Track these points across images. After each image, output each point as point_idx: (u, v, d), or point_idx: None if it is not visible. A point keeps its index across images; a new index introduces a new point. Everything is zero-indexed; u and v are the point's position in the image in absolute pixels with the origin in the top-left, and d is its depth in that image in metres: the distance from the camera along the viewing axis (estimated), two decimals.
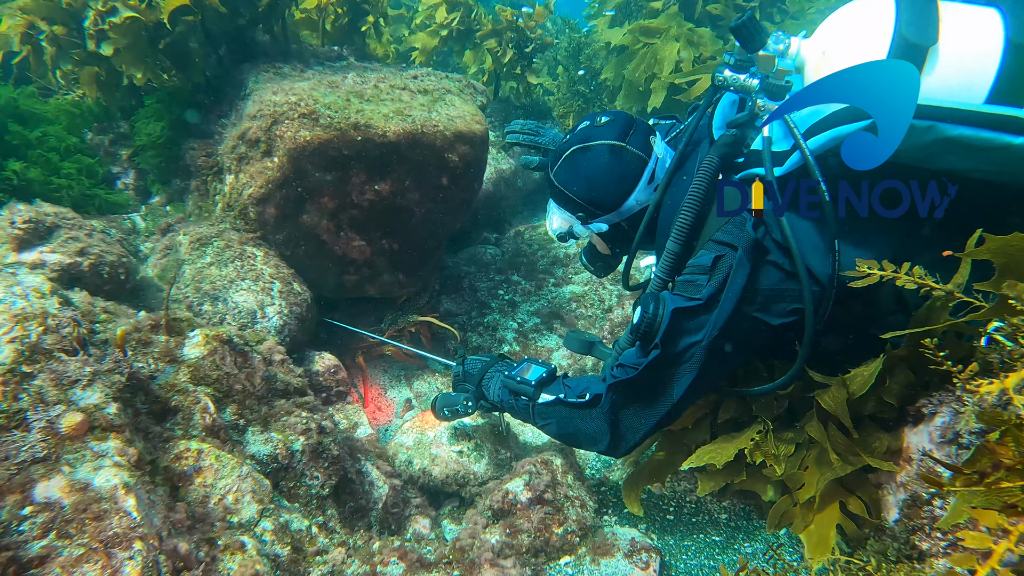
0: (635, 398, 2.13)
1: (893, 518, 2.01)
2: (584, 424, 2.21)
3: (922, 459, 1.98)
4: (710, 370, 2.05)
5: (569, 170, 2.35)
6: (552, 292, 4.19)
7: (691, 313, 2.01)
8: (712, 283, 2.02)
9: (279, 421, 2.27)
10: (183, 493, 1.80)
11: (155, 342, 2.14)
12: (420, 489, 2.75)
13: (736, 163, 2.18)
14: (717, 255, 2.04)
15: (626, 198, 2.32)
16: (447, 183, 3.29)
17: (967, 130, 1.76)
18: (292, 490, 2.19)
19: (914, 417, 2.08)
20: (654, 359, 2.03)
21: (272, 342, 2.53)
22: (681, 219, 2.11)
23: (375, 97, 3.30)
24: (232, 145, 3.21)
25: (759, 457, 2.40)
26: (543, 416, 2.31)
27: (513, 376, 2.43)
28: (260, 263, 3.07)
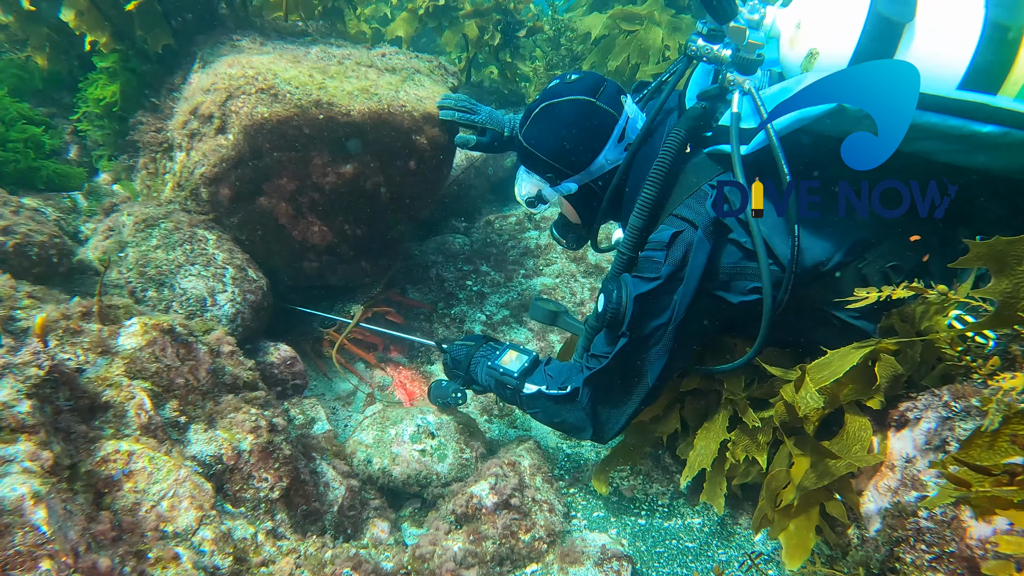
0: (611, 387, 2.16)
1: (875, 528, 1.92)
2: (567, 415, 2.25)
3: (905, 466, 1.89)
4: (680, 350, 2.09)
5: (538, 128, 2.28)
6: (522, 284, 4.05)
7: (654, 296, 2.02)
8: (669, 260, 2.00)
9: (226, 418, 2.10)
10: (109, 501, 1.62)
11: (86, 331, 1.95)
12: (379, 490, 2.60)
13: (704, 137, 2.13)
14: (675, 231, 2.01)
15: (596, 155, 2.24)
16: (415, 167, 3.11)
17: (935, 117, 1.72)
18: (238, 493, 2.02)
19: (897, 422, 1.99)
20: (623, 347, 2.06)
21: (221, 332, 2.34)
22: (645, 193, 2.08)
23: (340, 74, 3.10)
24: (183, 120, 3.00)
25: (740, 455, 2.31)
26: (529, 405, 2.37)
27: (496, 367, 2.45)
28: (212, 247, 2.87)
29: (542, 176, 2.33)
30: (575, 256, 4.22)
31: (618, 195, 2.29)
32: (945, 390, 1.82)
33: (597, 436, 2.24)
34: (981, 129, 1.70)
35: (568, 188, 2.33)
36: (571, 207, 2.46)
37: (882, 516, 1.90)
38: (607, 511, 2.57)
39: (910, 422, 1.92)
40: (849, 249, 1.98)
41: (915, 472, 1.83)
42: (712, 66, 2.19)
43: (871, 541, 1.93)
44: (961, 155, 1.81)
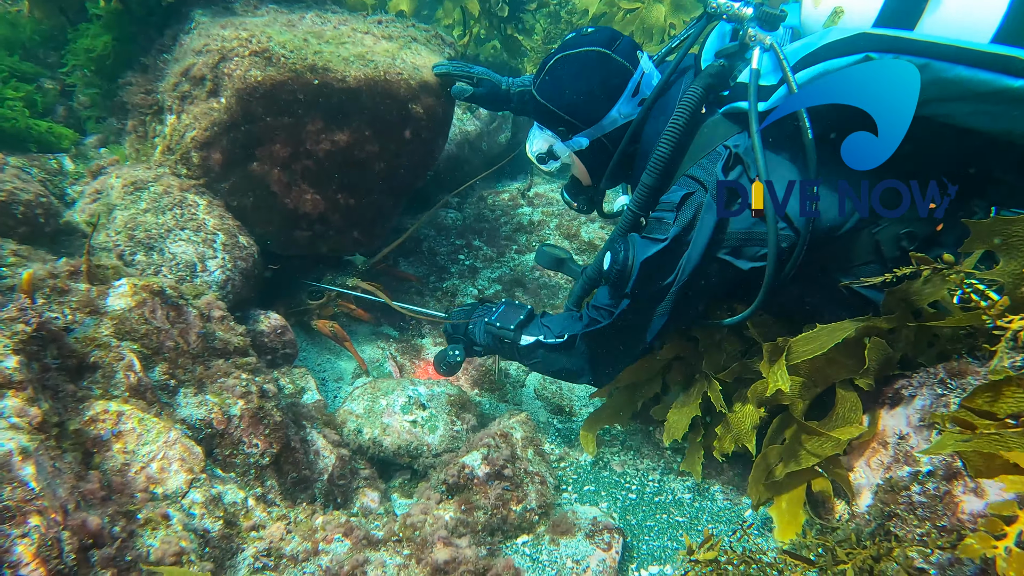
0: (609, 341, 2.21)
1: (866, 503, 1.93)
2: (566, 362, 2.33)
3: (898, 442, 1.90)
4: (681, 312, 2.09)
5: (552, 80, 2.25)
6: (515, 259, 4.03)
7: (660, 258, 2.00)
8: (678, 222, 1.98)
9: (216, 383, 2.07)
10: (98, 460, 1.59)
11: (74, 290, 1.90)
12: (369, 460, 2.58)
13: (721, 96, 2.10)
14: (686, 192, 1.99)
15: (609, 109, 2.21)
16: (410, 136, 3.07)
17: (964, 70, 1.65)
18: (228, 458, 2.00)
19: (891, 399, 2.00)
20: (626, 308, 2.09)
21: (211, 297, 2.30)
22: (658, 151, 2.06)
23: (335, 39, 3.04)
24: (174, 82, 2.92)
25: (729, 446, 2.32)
26: (527, 356, 2.43)
27: (493, 322, 2.50)
28: (203, 212, 2.81)
29: (554, 131, 2.30)
30: (568, 233, 4.20)
31: (630, 153, 2.26)
32: (941, 367, 1.83)
33: (595, 380, 2.37)
34: (1013, 83, 1.61)
35: (579, 143, 2.28)
36: (582, 165, 2.42)
37: (873, 491, 1.91)
38: (597, 485, 2.57)
39: (904, 399, 1.93)
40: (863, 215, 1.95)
41: (908, 448, 1.84)
42: (731, 25, 2.14)
43: (861, 516, 1.94)
44: (984, 118, 1.72)
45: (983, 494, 1.54)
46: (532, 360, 2.42)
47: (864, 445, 2.04)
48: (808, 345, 2.17)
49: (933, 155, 1.82)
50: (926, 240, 1.93)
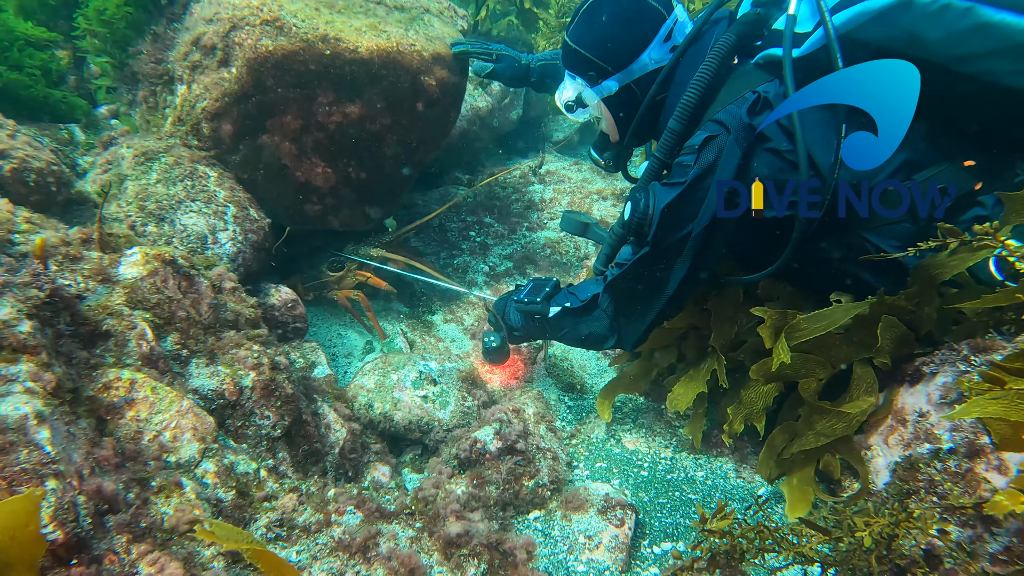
0: (632, 294, 2.18)
1: (883, 481, 1.91)
2: (591, 326, 2.31)
3: (918, 420, 1.88)
4: (702, 260, 2.05)
5: (584, 24, 2.22)
6: (526, 236, 4.00)
7: (680, 203, 1.97)
8: (699, 164, 1.94)
9: (228, 354, 2.05)
10: (112, 427, 1.58)
11: (86, 258, 1.89)
12: (380, 435, 2.58)
13: (754, 48, 2.06)
14: (709, 135, 1.95)
15: (640, 52, 2.16)
16: (423, 109, 3.03)
17: (1010, 16, 1.59)
18: (240, 430, 1.99)
19: (911, 376, 1.97)
20: (644, 255, 2.06)
21: (223, 268, 2.29)
22: (686, 97, 2.02)
23: (347, 9, 2.99)
24: (185, 52, 2.89)
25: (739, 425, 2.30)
26: (557, 328, 2.41)
27: (523, 299, 2.51)
28: (213, 184, 2.79)
29: (584, 77, 2.26)
30: (580, 210, 4.16)
31: (658, 102, 2.20)
32: (964, 344, 1.79)
33: (621, 343, 2.30)
34: None
35: (608, 87, 2.23)
36: (609, 115, 2.36)
37: (891, 470, 1.89)
38: (609, 463, 2.56)
39: (925, 376, 1.90)
40: (897, 168, 1.89)
41: (928, 426, 1.81)
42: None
43: (878, 493, 1.92)
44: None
45: (1007, 471, 1.51)
46: (562, 331, 2.39)
47: (880, 422, 2.01)
48: (818, 323, 2.14)
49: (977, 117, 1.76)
50: (961, 199, 1.86)
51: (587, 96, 2.30)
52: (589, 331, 2.33)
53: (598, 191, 4.31)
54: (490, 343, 2.66)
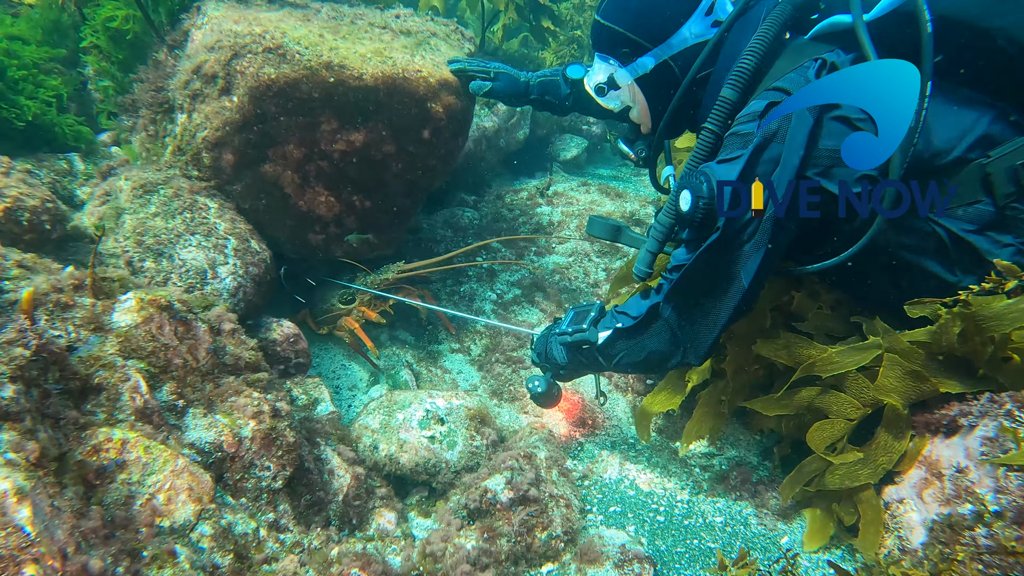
0: (698, 295, 1.92)
1: (919, 539, 1.80)
2: (651, 343, 2.06)
3: (956, 476, 1.77)
4: (777, 244, 1.82)
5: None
6: (534, 261, 3.90)
7: (744, 180, 1.76)
8: (761, 132, 1.76)
9: (226, 402, 1.96)
10: (101, 494, 1.49)
11: (78, 306, 1.80)
12: (386, 477, 2.48)
13: (810, 20, 1.94)
14: (771, 101, 1.79)
15: (679, 25, 2.03)
16: (429, 136, 2.94)
17: None
18: (239, 483, 1.89)
19: (947, 427, 1.86)
20: (713, 244, 1.80)
21: (222, 308, 2.20)
22: (743, 61, 1.85)
23: (351, 35, 2.92)
24: (185, 80, 2.82)
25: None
26: (610, 355, 2.18)
27: (567, 331, 2.30)
28: (213, 216, 2.71)
29: (617, 55, 2.12)
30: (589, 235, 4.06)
31: (700, 80, 2.04)
32: (1007, 396, 1.69)
33: (688, 356, 2.00)
34: None
35: (644, 65, 2.09)
36: (643, 98, 2.21)
37: (927, 527, 1.78)
38: (624, 506, 2.46)
39: (962, 429, 1.80)
40: (974, 143, 1.75)
41: (967, 483, 1.71)
42: None
43: (912, 552, 1.81)
44: None
45: None
46: (616, 358, 2.15)
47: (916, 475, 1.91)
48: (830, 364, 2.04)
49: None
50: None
51: (620, 76, 2.15)
52: (649, 350, 2.06)
53: (607, 214, 4.21)
54: (535, 388, 2.44)
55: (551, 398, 2.52)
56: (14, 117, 2.83)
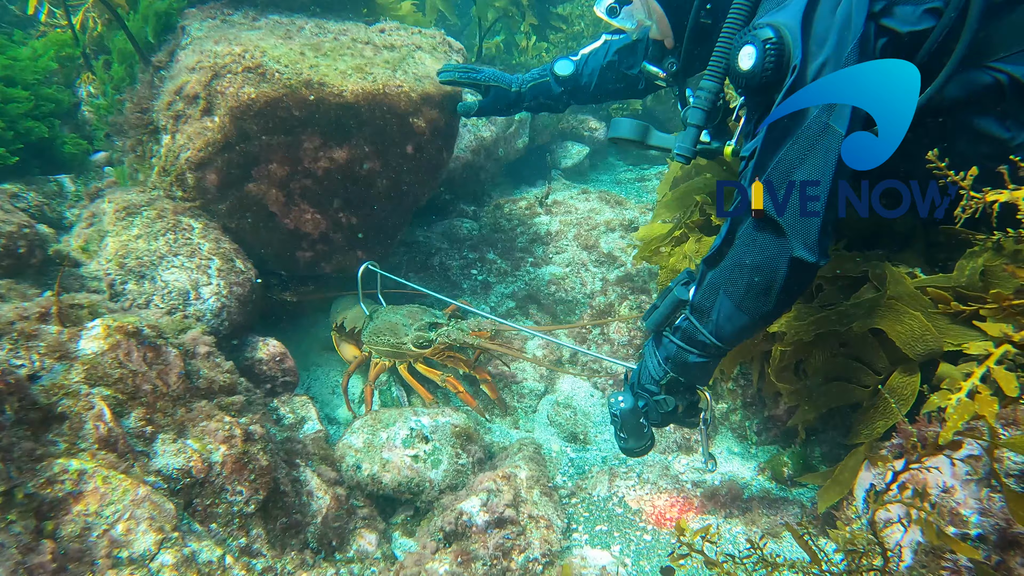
0: (789, 166, 1.67)
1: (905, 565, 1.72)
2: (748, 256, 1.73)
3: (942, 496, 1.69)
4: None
5: None
6: (530, 273, 3.86)
7: (806, 23, 1.62)
8: None
9: (197, 427, 1.95)
10: (52, 527, 1.48)
11: (43, 334, 1.80)
12: (369, 497, 2.45)
13: None
14: None
15: None
16: (412, 151, 2.92)
17: None
18: (209, 509, 1.88)
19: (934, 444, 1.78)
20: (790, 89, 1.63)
21: (197, 332, 2.19)
22: None
23: (333, 51, 2.91)
24: (168, 101, 2.83)
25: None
26: (707, 311, 1.81)
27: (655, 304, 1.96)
28: (197, 236, 2.71)
29: None
30: (586, 244, 4.01)
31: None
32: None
33: (799, 249, 1.65)
34: None
35: None
36: (658, 8, 2.06)
37: (912, 548, 1.71)
38: (610, 525, 2.40)
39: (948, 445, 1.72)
40: None
41: (953, 504, 1.63)
42: None
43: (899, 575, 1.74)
44: None
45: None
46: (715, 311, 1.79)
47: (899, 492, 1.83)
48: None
49: None
50: None
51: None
52: (751, 266, 1.71)
53: (606, 222, 4.16)
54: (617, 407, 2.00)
55: (641, 440, 2.03)
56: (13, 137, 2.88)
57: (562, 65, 2.76)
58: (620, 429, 2.02)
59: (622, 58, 2.63)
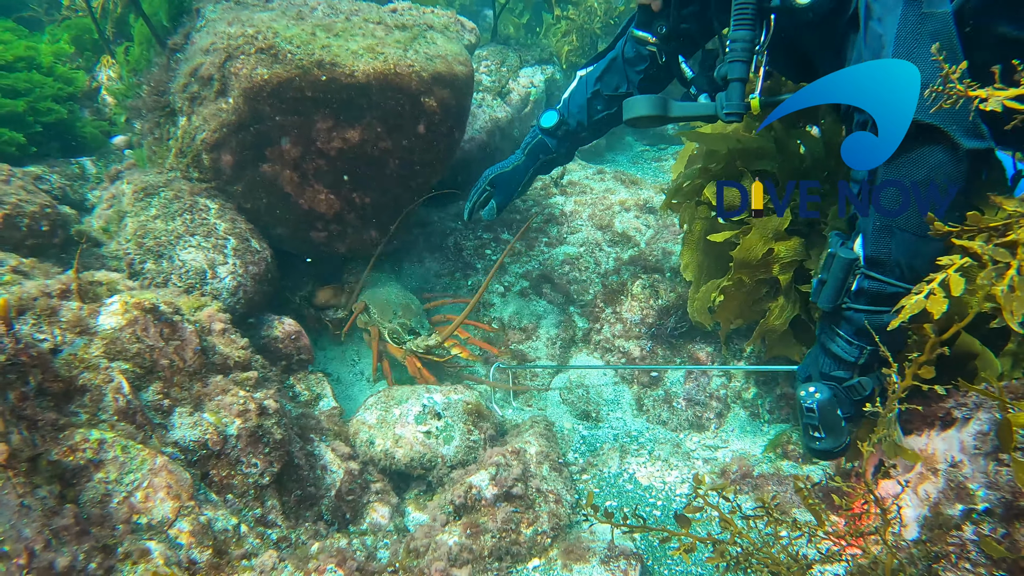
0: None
1: (912, 535, 1.73)
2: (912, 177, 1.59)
3: (950, 471, 1.69)
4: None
5: None
6: (544, 253, 3.86)
7: None
8: None
9: (213, 401, 2.00)
10: (75, 493, 1.54)
11: (65, 309, 1.86)
12: (382, 472, 2.50)
13: None
14: None
15: None
16: (424, 131, 2.94)
17: None
18: (225, 480, 1.93)
19: (942, 420, 1.78)
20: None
21: (213, 309, 2.24)
22: None
23: (345, 31, 2.92)
24: (184, 83, 2.87)
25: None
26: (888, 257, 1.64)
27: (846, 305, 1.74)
28: (214, 217, 2.76)
29: None
30: (601, 224, 4.00)
31: None
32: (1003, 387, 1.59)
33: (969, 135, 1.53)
34: None
35: None
36: None
37: (920, 524, 1.71)
38: (620, 501, 2.43)
39: (957, 421, 1.71)
40: None
41: (960, 479, 1.63)
42: None
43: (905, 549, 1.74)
44: None
45: None
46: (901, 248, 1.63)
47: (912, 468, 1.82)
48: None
49: None
50: None
51: None
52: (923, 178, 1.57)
53: (621, 202, 4.14)
54: (810, 400, 1.77)
55: (840, 437, 1.80)
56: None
57: (547, 118, 2.80)
58: (817, 426, 1.79)
59: (604, 84, 2.66)
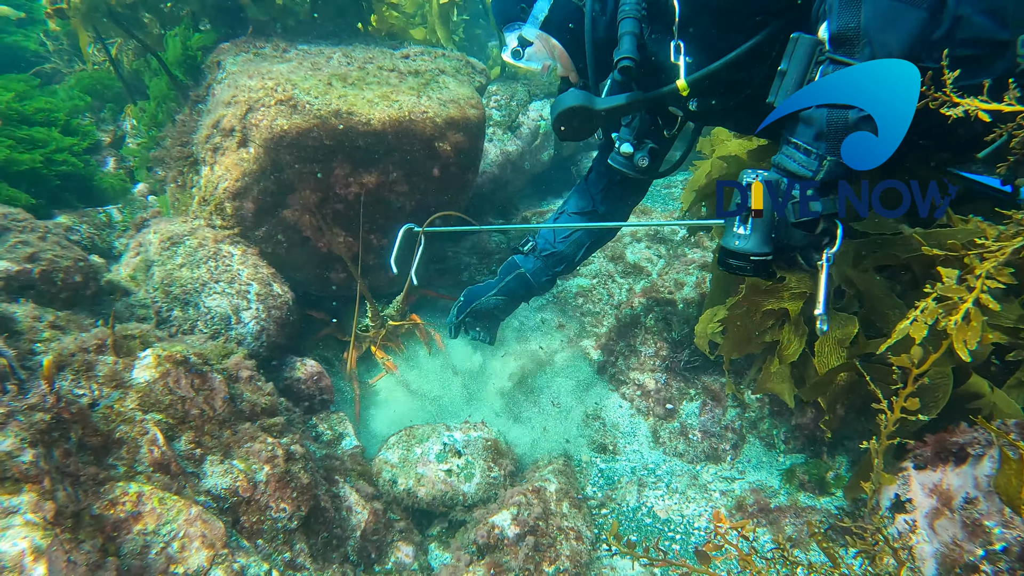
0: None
1: (929, 571, 1.75)
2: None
3: (965, 507, 1.72)
4: None
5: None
6: (558, 285, 3.92)
7: None
8: None
9: (242, 448, 2.06)
10: (117, 545, 1.60)
11: (101, 364, 1.93)
12: (405, 511, 2.55)
13: None
14: None
15: None
16: (439, 174, 3.03)
17: None
18: (255, 525, 1.99)
19: (956, 456, 1.81)
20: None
21: (239, 357, 2.31)
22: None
23: (360, 80, 3.03)
24: (207, 134, 2.98)
25: None
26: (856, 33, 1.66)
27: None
28: (237, 263, 2.85)
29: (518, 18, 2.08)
30: (613, 255, 4.07)
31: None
32: (1014, 424, 1.63)
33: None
34: None
35: (541, 10, 2.04)
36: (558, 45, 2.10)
37: (937, 559, 1.73)
38: (640, 534, 2.46)
39: (971, 458, 1.74)
40: None
41: (976, 516, 1.66)
42: None
43: None
44: None
45: None
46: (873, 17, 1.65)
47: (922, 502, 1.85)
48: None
49: None
50: None
51: (527, 31, 2.08)
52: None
53: (632, 232, 4.21)
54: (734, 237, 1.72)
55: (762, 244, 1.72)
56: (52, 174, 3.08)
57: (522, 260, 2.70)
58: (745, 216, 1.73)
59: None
